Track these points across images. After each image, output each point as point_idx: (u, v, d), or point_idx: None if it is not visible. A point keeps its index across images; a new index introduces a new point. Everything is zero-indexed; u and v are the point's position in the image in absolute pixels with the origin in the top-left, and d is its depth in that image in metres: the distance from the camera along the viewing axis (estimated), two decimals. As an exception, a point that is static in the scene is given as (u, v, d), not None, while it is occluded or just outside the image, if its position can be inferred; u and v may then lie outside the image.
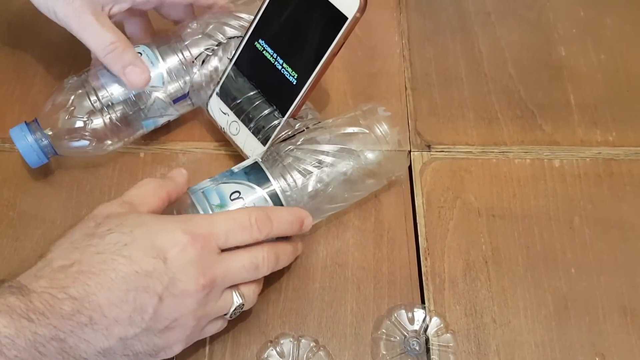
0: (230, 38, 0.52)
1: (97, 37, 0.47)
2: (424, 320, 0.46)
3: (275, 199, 0.44)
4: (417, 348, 0.44)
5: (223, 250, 0.40)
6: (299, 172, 0.45)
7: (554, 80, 0.59)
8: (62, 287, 0.34)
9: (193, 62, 0.51)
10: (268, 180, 0.45)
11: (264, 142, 0.48)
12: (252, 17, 0.48)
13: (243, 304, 0.41)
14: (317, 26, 0.44)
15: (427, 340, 0.45)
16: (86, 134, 0.48)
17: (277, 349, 0.44)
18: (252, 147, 0.49)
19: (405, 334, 0.45)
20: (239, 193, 0.44)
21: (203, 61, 0.51)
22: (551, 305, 0.47)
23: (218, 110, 0.51)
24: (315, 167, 0.45)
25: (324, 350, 0.44)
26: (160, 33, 0.54)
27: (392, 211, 0.51)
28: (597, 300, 0.47)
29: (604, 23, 0.63)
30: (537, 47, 0.61)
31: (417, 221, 0.51)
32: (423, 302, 0.47)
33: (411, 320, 0.46)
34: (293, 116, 0.47)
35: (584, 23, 0.63)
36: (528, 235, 0.50)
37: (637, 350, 0.45)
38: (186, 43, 0.51)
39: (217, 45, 0.51)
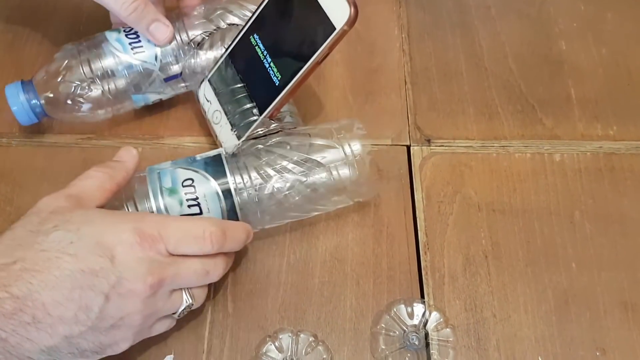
0: (230, 25, 0.51)
1: None
2: (423, 315, 0.46)
3: (227, 195, 0.44)
4: (417, 343, 0.44)
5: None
6: (259, 173, 0.45)
7: (555, 75, 0.59)
8: (4, 286, 0.33)
9: (189, 44, 0.51)
10: (224, 174, 0.44)
11: (238, 137, 0.48)
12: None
13: (192, 304, 0.41)
14: (308, 31, 0.44)
15: (426, 335, 0.45)
16: (75, 100, 0.49)
17: (276, 344, 0.44)
18: (227, 139, 0.49)
19: (405, 328, 0.45)
20: (192, 181, 0.44)
21: (199, 44, 0.51)
22: (552, 301, 0.47)
23: (205, 96, 0.50)
24: (276, 171, 0.45)
25: (322, 345, 0.44)
26: (168, 10, 0.54)
27: (391, 206, 0.51)
28: (598, 295, 0.47)
29: (604, 17, 0.63)
30: (538, 42, 0.61)
31: (417, 216, 0.51)
32: (422, 297, 0.47)
33: (410, 315, 0.46)
34: (271, 117, 0.47)
35: (585, 17, 0.63)
36: (528, 230, 0.50)
37: (638, 346, 0.45)
38: (187, 25, 0.51)
39: (215, 30, 0.51)
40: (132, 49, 0.50)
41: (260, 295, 0.47)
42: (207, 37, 0.51)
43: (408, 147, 0.54)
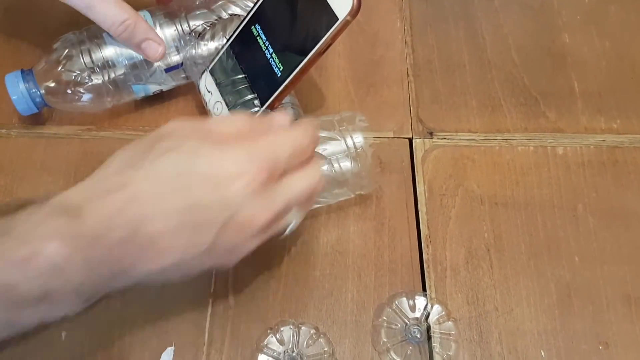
0: (232, 15, 0.51)
1: (108, 17, 0.47)
2: (425, 308, 0.45)
3: None
4: (419, 336, 0.44)
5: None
6: None
7: (558, 68, 0.58)
8: (117, 210, 0.33)
9: (190, 34, 0.51)
10: None
11: None
12: None
13: (296, 223, 0.40)
14: (310, 22, 0.43)
15: (428, 328, 0.44)
16: (76, 90, 0.49)
17: (277, 336, 0.44)
18: None
19: (407, 321, 0.45)
20: None
21: (200, 34, 0.50)
22: (554, 294, 0.46)
23: (206, 86, 0.50)
24: None
25: (324, 338, 0.44)
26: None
27: (393, 199, 0.51)
28: (601, 289, 0.47)
29: (608, 10, 0.62)
30: (541, 34, 0.60)
31: (419, 209, 0.50)
32: (424, 290, 0.47)
33: (412, 308, 0.45)
34: (271, 108, 0.47)
35: (588, 10, 0.62)
36: (531, 223, 0.49)
37: (641, 339, 0.45)
38: (188, 15, 0.51)
39: (216, 20, 0.51)
40: None
41: (261, 288, 0.47)
42: (208, 28, 0.51)
43: (410, 140, 0.54)
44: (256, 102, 0.47)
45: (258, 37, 0.47)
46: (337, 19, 0.42)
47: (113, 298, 0.46)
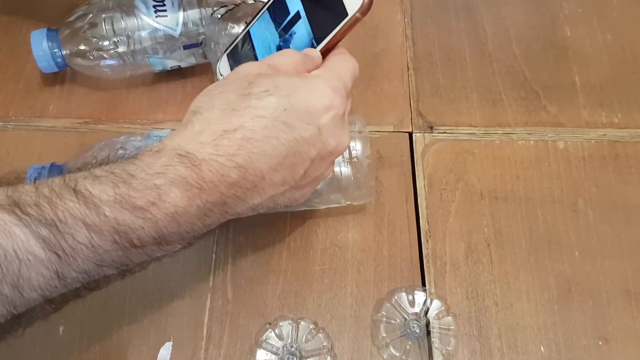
0: (257, 0, 0.52)
1: None
2: (424, 303, 0.45)
3: None
4: (418, 331, 0.44)
5: None
6: None
7: (559, 61, 0.58)
8: (230, 155, 0.34)
9: (213, 14, 0.52)
10: None
11: None
12: None
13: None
14: (323, 15, 0.43)
15: (427, 323, 0.44)
16: (97, 55, 0.51)
17: (276, 331, 0.44)
18: None
19: (406, 316, 0.44)
20: None
21: (222, 15, 0.51)
22: (554, 289, 0.46)
23: (222, 70, 0.50)
24: None
25: (323, 333, 0.44)
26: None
27: (393, 193, 0.51)
28: (601, 283, 0.46)
29: (610, 3, 0.62)
30: (543, 27, 0.60)
31: (419, 203, 0.50)
32: (424, 285, 0.46)
33: (412, 303, 0.45)
34: None
35: (590, 3, 0.62)
36: (531, 217, 0.49)
37: (641, 335, 0.44)
38: None
39: (240, 3, 0.51)
40: (155, 12, 0.51)
41: (260, 282, 0.46)
42: (231, 10, 0.51)
43: (410, 134, 0.54)
44: None
45: (272, 27, 0.46)
46: (347, 15, 0.41)
47: (111, 294, 0.46)
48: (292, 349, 0.43)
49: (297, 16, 0.45)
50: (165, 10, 0.51)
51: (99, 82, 0.56)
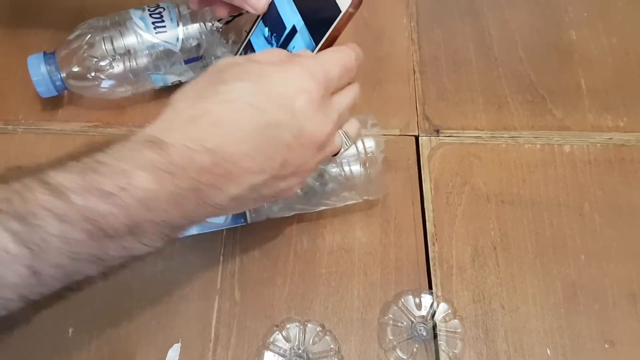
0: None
1: None
2: (431, 306, 0.45)
3: None
4: (425, 334, 0.44)
5: None
6: None
7: (565, 65, 0.58)
8: (198, 139, 0.33)
9: (212, 27, 0.52)
10: None
11: None
12: None
13: (347, 144, 0.41)
14: (317, 15, 0.43)
15: (434, 326, 0.45)
16: (96, 75, 0.50)
17: (283, 333, 0.44)
18: None
19: (413, 319, 0.45)
20: None
21: (221, 28, 0.51)
22: (560, 292, 0.46)
23: None
24: None
25: (330, 335, 0.44)
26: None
27: (399, 197, 0.51)
28: (607, 287, 0.47)
29: (615, 7, 0.62)
30: (548, 31, 0.60)
31: (425, 207, 0.50)
32: (430, 288, 0.47)
33: (418, 306, 0.45)
34: None
35: (595, 7, 0.62)
36: (537, 221, 0.49)
37: (647, 338, 0.45)
38: (212, 9, 0.51)
39: (238, 15, 0.51)
40: (154, 28, 0.51)
41: (267, 285, 0.47)
42: (230, 22, 0.51)
43: (417, 138, 0.54)
44: None
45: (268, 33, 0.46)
46: (340, 12, 0.41)
47: (119, 296, 0.46)
48: (300, 351, 0.43)
49: (294, 30, 0.45)
50: (164, 26, 0.51)
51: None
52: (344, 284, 0.47)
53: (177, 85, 0.54)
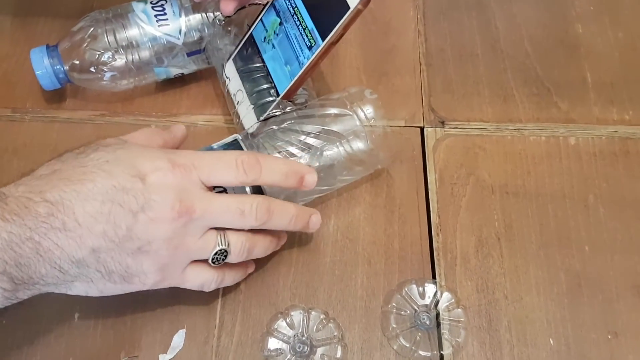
0: (257, 3, 0.51)
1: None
2: (434, 295, 0.45)
3: None
4: (428, 322, 0.44)
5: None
6: (280, 153, 0.45)
7: (571, 58, 0.58)
8: (39, 192, 0.35)
9: (214, 20, 0.51)
10: None
11: (257, 117, 0.48)
12: None
13: (225, 251, 0.40)
14: (323, 12, 0.44)
15: (437, 315, 0.45)
16: (99, 68, 0.50)
17: (287, 320, 0.44)
18: (248, 118, 0.49)
19: (416, 308, 0.45)
20: None
21: (224, 21, 0.51)
22: (564, 283, 0.46)
23: (228, 74, 0.50)
24: (298, 148, 0.45)
25: (333, 323, 0.44)
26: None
27: (404, 187, 0.51)
28: (611, 279, 0.47)
29: (621, 0, 0.62)
30: (554, 25, 0.60)
31: (429, 197, 0.50)
32: (434, 277, 0.47)
33: (422, 295, 0.46)
34: (287, 98, 0.47)
35: (602, 1, 0.62)
36: (542, 213, 0.49)
37: (650, 330, 0.45)
38: (215, 1, 0.51)
39: (241, 7, 0.51)
40: (157, 21, 0.51)
41: (272, 273, 0.47)
42: (233, 15, 0.51)
43: (422, 129, 0.54)
44: (272, 91, 0.47)
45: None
46: (349, 8, 0.42)
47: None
48: (303, 338, 0.43)
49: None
50: (166, 19, 0.51)
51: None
52: (348, 273, 0.47)
53: (180, 78, 0.55)
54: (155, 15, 0.51)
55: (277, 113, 0.47)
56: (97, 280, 0.37)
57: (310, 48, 0.44)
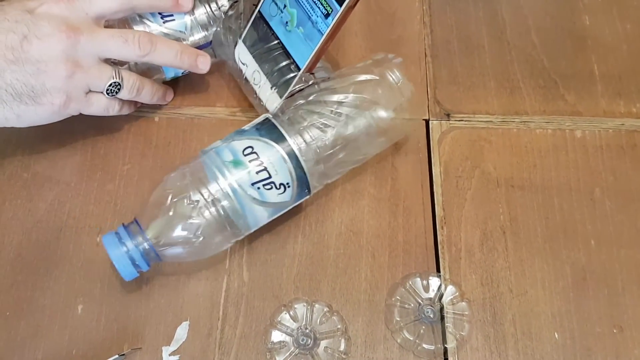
0: None
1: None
2: (439, 288, 0.45)
3: (292, 155, 0.43)
4: (432, 315, 0.44)
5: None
6: (316, 127, 0.44)
7: (578, 50, 0.57)
8: None
9: (218, 11, 0.51)
10: (282, 136, 0.43)
11: (279, 95, 0.47)
12: None
13: (119, 84, 0.46)
14: None
15: (441, 308, 0.45)
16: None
17: (291, 313, 0.44)
18: (268, 99, 0.48)
19: (420, 301, 0.45)
20: (252, 148, 0.43)
21: (227, 12, 0.50)
22: (569, 277, 0.46)
23: (241, 58, 0.50)
24: (332, 119, 0.44)
25: (337, 316, 0.44)
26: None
27: (408, 180, 0.51)
28: (617, 272, 0.46)
29: (630, -8, 0.61)
30: (562, 16, 0.59)
31: (434, 190, 0.50)
32: (438, 271, 0.46)
33: (426, 288, 0.45)
34: (309, 71, 0.46)
35: (610, -8, 0.61)
36: (548, 206, 0.49)
37: (656, 324, 0.44)
38: None
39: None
40: (162, 18, 0.50)
41: (275, 265, 0.47)
42: (235, 4, 0.51)
43: (427, 121, 0.54)
44: (292, 67, 0.46)
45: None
46: None
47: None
48: (307, 331, 0.43)
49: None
50: (171, 15, 0.50)
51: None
52: (352, 266, 0.47)
53: (188, 75, 0.54)
54: (160, 13, 0.50)
55: (302, 86, 0.47)
56: (11, 102, 0.43)
57: (327, 16, 0.43)
